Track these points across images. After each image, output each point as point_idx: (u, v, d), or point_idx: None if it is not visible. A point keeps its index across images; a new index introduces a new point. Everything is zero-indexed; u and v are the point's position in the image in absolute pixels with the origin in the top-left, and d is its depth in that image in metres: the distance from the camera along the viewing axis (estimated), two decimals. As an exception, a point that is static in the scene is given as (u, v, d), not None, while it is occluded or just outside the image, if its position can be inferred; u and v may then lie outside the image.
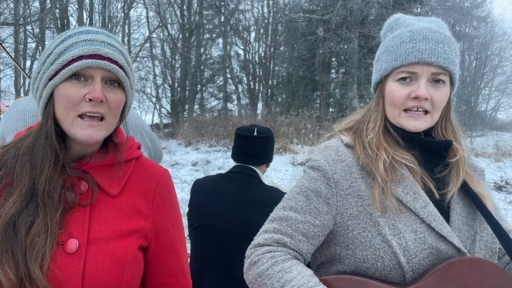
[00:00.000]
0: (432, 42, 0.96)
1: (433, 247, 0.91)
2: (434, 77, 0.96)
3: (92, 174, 0.93)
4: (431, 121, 0.98)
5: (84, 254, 0.86)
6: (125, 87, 0.92)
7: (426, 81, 0.96)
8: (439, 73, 0.96)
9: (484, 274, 0.87)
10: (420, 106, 0.96)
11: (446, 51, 0.96)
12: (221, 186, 1.84)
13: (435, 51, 0.95)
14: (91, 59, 0.85)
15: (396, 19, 1.09)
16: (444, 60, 0.95)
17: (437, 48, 0.95)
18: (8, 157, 0.90)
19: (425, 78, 0.96)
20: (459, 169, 0.99)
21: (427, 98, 0.95)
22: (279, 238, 0.95)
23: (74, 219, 0.88)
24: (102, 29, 0.97)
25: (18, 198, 0.85)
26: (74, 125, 0.87)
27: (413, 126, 0.97)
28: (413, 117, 0.96)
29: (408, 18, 1.07)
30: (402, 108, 0.98)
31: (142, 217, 0.96)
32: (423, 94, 0.94)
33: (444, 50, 0.96)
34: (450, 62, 0.96)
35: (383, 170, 0.95)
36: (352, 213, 0.96)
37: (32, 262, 0.80)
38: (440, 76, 0.96)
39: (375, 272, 0.92)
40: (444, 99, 0.98)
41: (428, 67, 0.95)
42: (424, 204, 0.94)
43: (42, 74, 0.89)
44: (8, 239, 0.81)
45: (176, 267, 1.03)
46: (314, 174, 1.01)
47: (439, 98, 0.96)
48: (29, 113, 1.58)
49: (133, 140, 1.03)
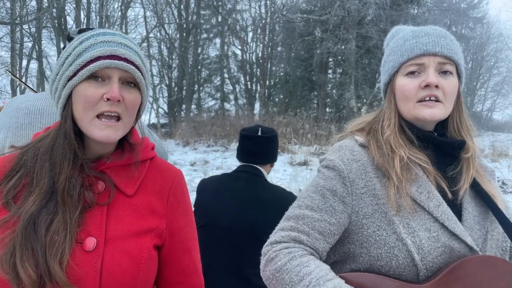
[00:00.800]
0: (434, 36, 1.01)
1: (446, 245, 0.93)
2: (441, 67, 1.00)
3: (109, 174, 0.94)
4: (444, 110, 1.00)
5: (102, 252, 0.88)
6: (141, 88, 0.94)
7: (434, 70, 0.99)
8: (445, 63, 0.99)
9: (498, 273, 0.89)
10: (432, 95, 0.98)
11: (448, 43, 1.00)
12: (227, 185, 1.86)
13: (438, 42, 1.00)
14: (109, 60, 0.87)
15: (396, 29, 1.14)
16: (448, 50, 0.99)
17: (439, 40, 1.00)
18: (28, 157, 0.91)
19: (432, 67, 0.99)
20: (470, 165, 1.01)
21: (438, 85, 0.97)
22: (296, 236, 0.96)
23: (92, 218, 0.90)
24: (119, 31, 0.99)
25: (38, 196, 0.86)
26: (92, 125, 0.88)
27: (429, 114, 0.98)
28: (428, 106, 0.98)
29: (407, 27, 1.12)
30: (415, 100, 1.00)
31: (156, 216, 0.98)
32: (433, 80, 0.97)
33: (447, 42, 1.00)
34: (454, 52, 1.00)
35: (399, 169, 0.97)
36: (367, 211, 0.97)
37: (51, 259, 0.81)
38: (446, 66, 1.00)
39: (389, 270, 0.93)
40: (454, 89, 1.01)
41: (434, 57, 0.99)
42: (437, 203, 0.96)
43: (61, 75, 0.90)
44: (28, 237, 0.82)
45: (189, 265, 1.05)
46: (330, 173, 1.02)
47: (449, 87, 0.99)
48: (22, 110, 1.57)
49: (148, 141, 1.05)
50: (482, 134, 23.50)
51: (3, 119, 1.61)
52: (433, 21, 16.12)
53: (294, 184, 7.00)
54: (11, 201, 0.87)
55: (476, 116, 29.84)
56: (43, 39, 17.70)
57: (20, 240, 0.82)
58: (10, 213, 0.85)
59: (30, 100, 1.59)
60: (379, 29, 14.36)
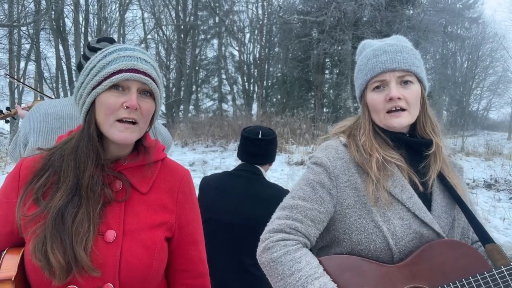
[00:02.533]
0: (391, 53, 1.15)
1: (417, 232, 1.08)
2: (401, 79, 1.14)
3: (125, 174, 1.07)
4: (410, 116, 1.14)
5: (121, 243, 1.00)
6: (155, 97, 1.07)
7: (396, 84, 1.13)
8: (404, 75, 1.14)
9: (458, 254, 1.04)
10: (397, 105, 1.13)
11: (405, 57, 1.15)
12: (228, 183, 1.99)
13: (394, 59, 1.14)
14: (129, 73, 1.00)
15: (363, 44, 1.29)
16: (404, 64, 1.14)
17: (396, 56, 1.14)
18: (55, 158, 1.03)
19: (394, 82, 1.13)
20: (436, 158, 1.17)
21: (400, 97, 1.12)
22: (291, 224, 1.11)
23: (111, 213, 1.02)
24: (138, 46, 1.11)
25: (65, 192, 0.98)
26: (112, 128, 1.01)
27: (397, 123, 1.13)
28: (395, 116, 1.13)
29: (372, 41, 1.27)
30: (384, 111, 1.15)
31: (167, 212, 1.11)
32: (394, 94, 1.11)
33: (403, 57, 1.15)
34: (410, 64, 1.14)
35: (376, 169, 1.12)
36: (349, 202, 1.13)
37: (77, 246, 0.94)
38: (405, 77, 1.14)
39: (368, 253, 1.09)
40: (416, 96, 1.15)
41: (392, 72, 1.14)
42: (409, 195, 1.12)
43: (86, 84, 1.03)
44: (57, 228, 0.95)
45: (196, 255, 1.18)
46: (318, 168, 1.17)
47: (411, 95, 1.13)
48: (51, 115, 1.72)
49: (159, 143, 1.18)
50: (478, 133, 23.69)
51: (31, 124, 1.74)
52: (429, 21, 16.27)
53: (291, 183, 7.13)
54: (41, 197, 0.99)
55: (472, 115, 30.03)
56: (41, 41, 17.73)
57: (51, 230, 0.94)
58: (40, 208, 0.97)
59: (57, 106, 1.73)
60: (374, 30, 14.50)
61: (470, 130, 24.13)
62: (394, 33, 1.33)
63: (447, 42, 26.12)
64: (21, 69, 18.65)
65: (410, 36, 14.59)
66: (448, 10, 19.67)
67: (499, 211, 6.13)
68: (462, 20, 26.76)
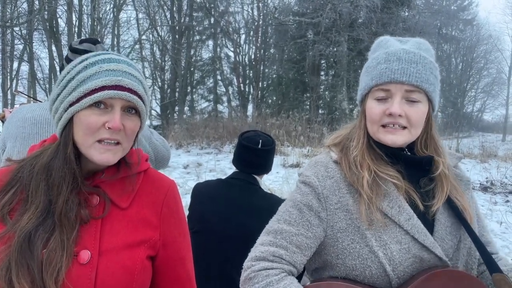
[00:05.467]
0: (404, 62, 1.00)
1: (416, 256, 0.98)
2: (408, 95, 1.00)
3: (103, 188, 0.97)
4: (409, 136, 1.02)
5: (96, 264, 0.90)
6: (141, 114, 0.96)
7: (401, 99, 1.00)
8: (413, 91, 1.00)
9: (462, 286, 0.94)
10: (396, 122, 1.00)
11: (419, 70, 1.00)
12: (221, 192, 1.89)
13: (407, 70, 0.99)
14: (113, 90, 0.88)
15: (379, 41, 1.14)
16: (417, 78, 0.99)
17: (409, 67, 0.99)
18: (23, 174, 0.93)
19: (399, 96, 1.00)
20: (443, 184, 1.04)
21: (401, 114, 0.99)
22: (274, 251, 1.00)
23: (86, 231, 0.92)
24: (123, 55, 1.00)
25: (34, 215, 0.88)
26: (92, 149, 0.90)
27: (391, 140, 1.01)
28: (390, 132, 1.01)
29: (390, 40, 1.12)
30: (379, 124, 1.03)
31: (150, 228, 1.01)
32: (396, 111, 0.99)
33: (417, 70, 1.00)
34: (423, 80, 1.00)
35: (367, 188, 1.00)
36: (341, 226, 1.02)
37: (48, 277, 0.83)
38: (414, 94, 1.00)
39: (364, 279, 0.99)
40: (421, 117, 1.02)
41: (401, 85, 1.00)
42: (408, 217, 1.00)
43: (62, 98, 0.92)
44: (24, 254, 0.84)
45: (183, 274, 1.08)
46: (306, 189, 1.06)
47: (416, 115, 1.00)
48: (29, 120, 1.62)
49: (141, 152, 1.08)
50: (472, 135, 23.80)
51: (9, 128, 1.64)
52: (424, 23, 16.30)
53: (286, 187, 7.04)
54: (7, 215, 0.89)
55: (467, 117, 30.19)
56: (34, 41, 17.58)
57: (16, 256, 0.84)
58: (6, 228, 0.87)
59: (36, 110, 1.63)
60: (370, 31, 14.50)
61: (464, 131, 24.26)
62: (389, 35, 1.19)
63: (442, 43, 26.23)
64: (14, 69, 18.47)
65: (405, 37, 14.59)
66: (443, 12, 19.78)
67: (495, 214, 6.08)
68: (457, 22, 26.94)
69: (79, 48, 1.70)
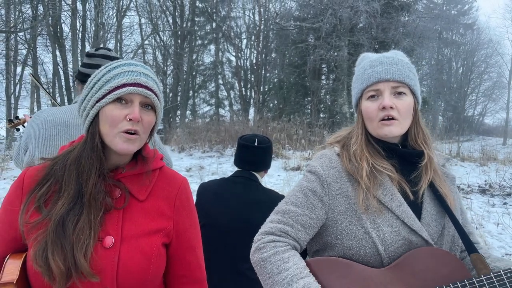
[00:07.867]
0: (386, 64, 1.20)
1: (405, 238, 1.13)
2: (395, 90, 1.18)
3: (124, 182, 1.10)
4: (400, 126, 1.18)
5: (119, 249, 1.03)
6: (156, 110, 1.11)
7: (389, 94, 1.18)
8: (398, 86, 1.18)
9: (441, 262, 1.08)
10: (389, 115, 1.17)
11: (399, 69, 1.19)
12: (225, 189, 2.03)
13: (390, 70, 1.19)
14: (133, 87, 1.04)
15: (362, 57, 1.34)
16: (399, 75, 1.18)
17: (391, 68, 1.19)
18: (57, 167, 1.07)
19: (387, 92, 1.18)
20: (427, 169, 1.21)
21: (392, 106, 1.16)
22: (282, 228, 1.16)
23: (110, 219, 1.06)
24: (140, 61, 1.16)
25: (66, 200, 1.02)
26: (117, 138, 1.05)
27: (388, 131, 1.17)
28: (386, 125, 1.17)
29: (370, 54, 1.32)
30: (377, 119, 1.19)
31: (165, 218, 1.14)
32: (387, 103, 1.16)
33: (398, 69, 1.19)
34: (404, 76, 1.19)
35: (366, 178, 1.17)
36: (341, 209, 1.18)
37: (78, 253, 0.97)
38: (399, 88, 1.19)
39: (359, 258, 1.13)
40: (409, 107, 1.19)
41: (387, 83, 1.18)
42: (399, 204, 1.16)
43: (90, 97, 1.08)
44: (58, 235, 0.98)
45: (193, 261, 1.21)
46: (311, 176, 1.23)
47: (403, 106, 1.18)
48: (50, 123, 1.77)
49: (157, 152, 1.21)
50: (473, 139, 23.83)
51: (31, 131, 1.79)
52: (424, 28, 16.43)
53: (287, 188, 7.16)
54: (43, 205, 1.02)
55: (467, 120, 30.22)
56: (38, 46, 17.77)
57: (52, 237, 0.97)
58: (42, 215, 1.01)
59: (56, 113, 1.78)
60: (370, 36, 14.65)
61: (465, 135, 24.29)
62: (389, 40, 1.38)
63: (442, 48, 26.37)
64: (18, 74, 18.65)
65: (405, 42, 14.73)
66: (443, 16, 19.89)
67: (493, 216, 6.18)
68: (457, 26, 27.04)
69: (96, 53, 1.88)
